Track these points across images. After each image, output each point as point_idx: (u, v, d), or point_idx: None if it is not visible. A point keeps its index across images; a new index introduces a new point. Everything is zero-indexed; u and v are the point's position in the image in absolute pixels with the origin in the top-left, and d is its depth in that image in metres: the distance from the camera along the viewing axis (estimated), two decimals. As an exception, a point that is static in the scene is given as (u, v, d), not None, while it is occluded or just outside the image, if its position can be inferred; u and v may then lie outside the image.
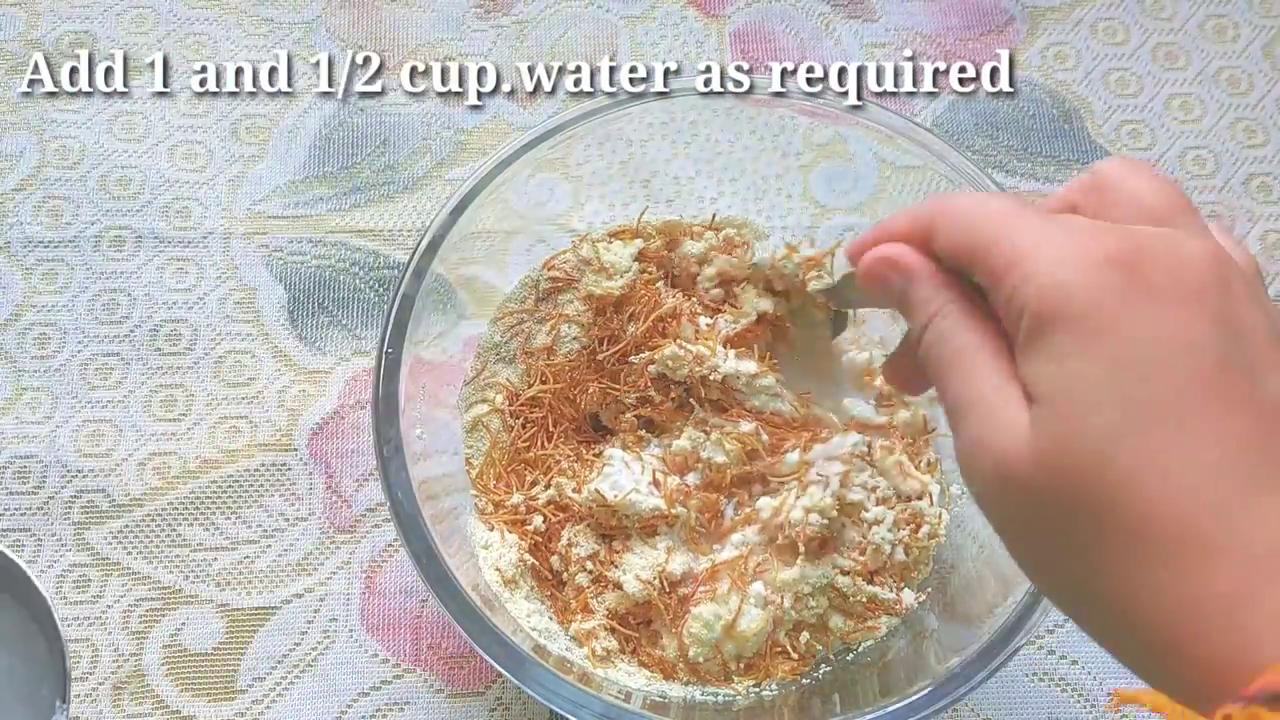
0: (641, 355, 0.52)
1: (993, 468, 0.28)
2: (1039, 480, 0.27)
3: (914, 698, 0.43)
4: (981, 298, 0.30)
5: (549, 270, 0.55)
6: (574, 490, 0.51)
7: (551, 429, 0.54)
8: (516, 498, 0.52)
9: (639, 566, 0.49)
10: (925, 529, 0.52)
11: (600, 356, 0.54)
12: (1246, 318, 0.27)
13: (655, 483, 0.50)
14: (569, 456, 0.53)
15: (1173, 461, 0.26)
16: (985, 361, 0.29)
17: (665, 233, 0.56)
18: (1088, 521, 0.26)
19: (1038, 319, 0.27)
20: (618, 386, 0.53)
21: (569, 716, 0.43)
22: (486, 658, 0.43)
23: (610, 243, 0.55)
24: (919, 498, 0.52)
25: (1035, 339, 0.27)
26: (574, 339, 0.54)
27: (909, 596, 0.51)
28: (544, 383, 0.54)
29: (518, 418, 0.54)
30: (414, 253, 0.49)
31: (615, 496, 0.49)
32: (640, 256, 0.54)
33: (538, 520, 0.51)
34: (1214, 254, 0.28)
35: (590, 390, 0.53)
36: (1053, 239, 0.28)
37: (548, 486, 0.52)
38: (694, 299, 0.54)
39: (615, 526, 0.51)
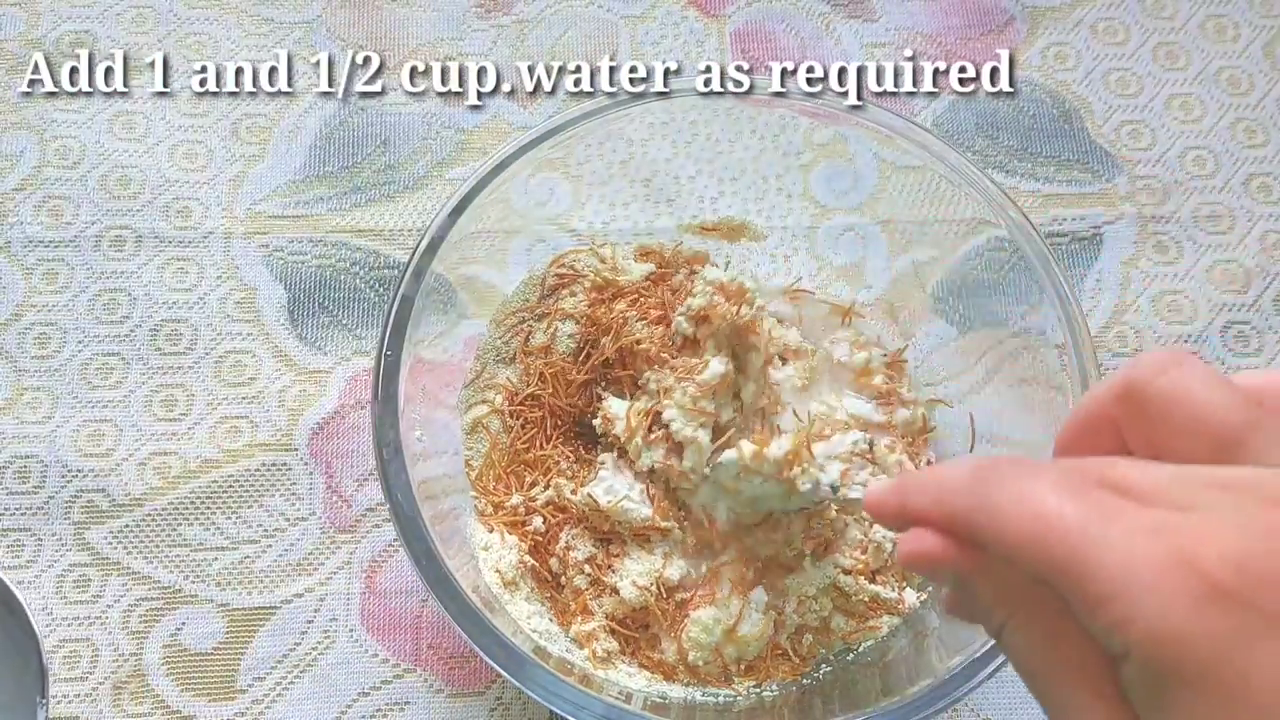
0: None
1: None
2: None
3: (915, 697, 0.43)
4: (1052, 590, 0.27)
5: (557, 266, 0.55)
6: (572, 492, 0.51)
7: (550, 430, 0.54)
8: (516, 499, 0.52)
9: (636, 572, 0.49)
10: (926, 529, 0.51)
11: (577, 374, 0.53)
12: None
13: (648, 493, 0.50)
14: (568, 457, 0.53)
15: None
16: (1090, 687, 0.27)
17: (692, 263, 0.57)
18: None
19: (1154, 673, 0.25)
20: (590, 409, 0.53)
21: (569, 717, 0.43)
22: (487, 659, 0.43)
23: (630, 254, 0.55)
24: (920, 497, 0.52)
25: (1157, 696, 0.25)
26: (569, 336, 0.54)
27: (911, 596, 0.51)
28: (542, 382, 0.54)
29: (517, 418, 0.54)
30: (414, 253, 0.49)
31: (608, 502, 0.49)
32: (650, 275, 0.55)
33: (537, 521, 0.51)
34: None
35: (576, 403, 0.54)
36: (1140, 562, 0.25)
37: (547, 487, 0.52)
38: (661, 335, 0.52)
39: (611, 531, 0.51)
